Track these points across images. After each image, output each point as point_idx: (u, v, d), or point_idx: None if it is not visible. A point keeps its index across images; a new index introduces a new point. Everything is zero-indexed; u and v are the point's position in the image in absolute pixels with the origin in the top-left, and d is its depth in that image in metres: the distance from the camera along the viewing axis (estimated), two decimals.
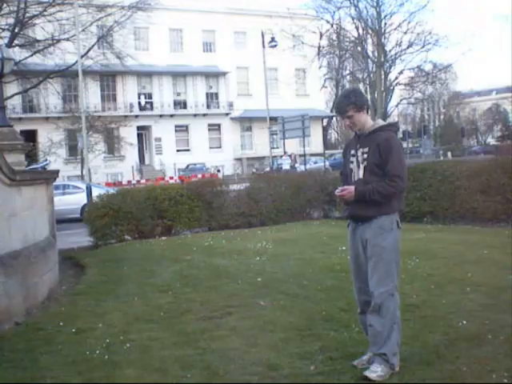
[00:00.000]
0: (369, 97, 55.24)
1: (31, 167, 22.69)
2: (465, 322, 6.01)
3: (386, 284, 5.02)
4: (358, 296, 5.37)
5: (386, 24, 40.34)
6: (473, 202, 13.80)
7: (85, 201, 22.37)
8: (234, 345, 5.89)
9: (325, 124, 74.24)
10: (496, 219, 13.45)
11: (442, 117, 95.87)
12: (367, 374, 4.88)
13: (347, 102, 5.19)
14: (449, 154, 68.43)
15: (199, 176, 37.62)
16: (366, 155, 5.14)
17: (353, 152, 5.29)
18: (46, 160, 30.76)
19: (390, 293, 5.02)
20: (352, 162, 5.28)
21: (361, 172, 5.16)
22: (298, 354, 5.49)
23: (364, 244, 5.16)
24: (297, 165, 40.08)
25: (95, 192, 21.59)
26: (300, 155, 46.76)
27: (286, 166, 39.59)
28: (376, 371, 4.89)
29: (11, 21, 31.41)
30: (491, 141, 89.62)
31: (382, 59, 39.72)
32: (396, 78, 47.09)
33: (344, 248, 11.10)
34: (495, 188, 13.42)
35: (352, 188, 5.08)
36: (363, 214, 5.14)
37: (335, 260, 10.12)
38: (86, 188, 23.76)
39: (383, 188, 4.99)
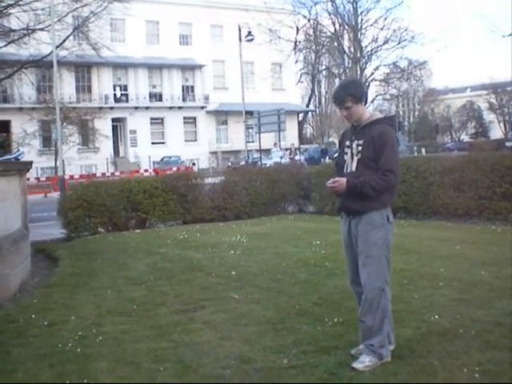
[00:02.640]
0: None
1: (4, 158, 22.49)
2: (437, 317, 6.05)
3: (377, 279, 5.06)
4: (352, 287, 5.41)
5: (362, 20, 40.45)
6: (446, 197, 13.91)
7: None
8: (207, 338, 5.89)
9: (300, 119, 74.32)
10: (468, 215, 13.58)
11: (416, 113, 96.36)
12: (354, 365, 4.93)
13: (346, 93, 5.14)
14: (423, 150, 68.86)
15: (174, 169, 37.47)
16: (360, 147, 5.13)
17: (348, 143, 5.28)
18: (19, 151, 30.48)
19: (381, 288, 5.07)
20: (346, 154, 5.28)
21: (354, 164, 5.17)
22: (272, 347, 5.50)
23: (356, 238, 5.19)
24: (297, 157, 39.83)
25: None
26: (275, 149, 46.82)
27: (277, 159, 39.27)
28: (363, 361, 4.94)
29: None
30: (465, 138, 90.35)
31: (358, 55, 39.83)
32: (372, 74, 47.17)
33: (318, 242, 11.19)
34: (468, 184, 13.54)
35: (344, 180, 5.08)
36: (354, 207, 5.17)
37: (309, 254, 10.16)
38: (59, 180, 23.53)
39: (375, 182, 5.00)
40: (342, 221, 5.44)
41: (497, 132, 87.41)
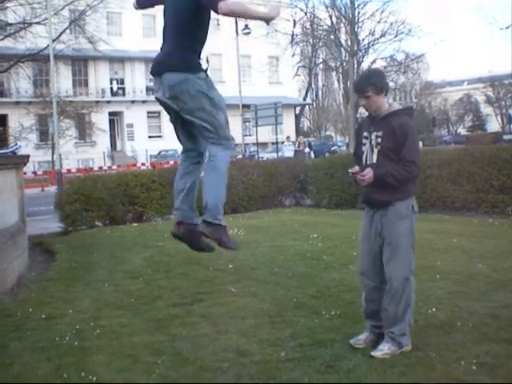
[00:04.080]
0: (341, 85, 55.40)
1: (1, 152, 22.44)
2: (434, 310, 6.06)
3: (403, 269, 5.11)
4: (361, 278, 5.45)
5: (359, 13, 40.22)
6: (443, 190, 13.92)
7: None
8: (204, 331, 5.89)
9: (297, 112, 74.28)
10: (466, 208, 13.59)
11: (413, 106, 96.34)
12: (373, 353, 4.98)
13: (367, 83, 5.17)
14: (420, 143, 68.84)
15: (171, 162, 37.43)
16: (379, 139, 5.14)
17: (366, 134, 5.29)
18: (17, 144, 30.43)
19: (406, 277, 5.11)
20: (364, 145, 5.29)
21: (374, 156, 5.19)
22: (269, 340, 5.50)
23: (379, 230, 5.24)
24: (306, 150, 39.65)
25: None
26: (272, 143, 46.80)
27: (289, 153, 38.99)
28: (382, 349, 5.00)
29: None
30: (462, 131, 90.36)
31: (355, 48, 39.65)
32: (369, 67, 47.18)
33: (315, 235, 11.19)
34: (465, 177, 13.54)
35: (371, 172, 5.08)
36: (380, 199, 5.21)
37: (306, 247, 10.16)
38: (56, 174, 23.50)
39: (398, 172, 5.03)
40: (364, 214, 5.49)
41: (494, 125, 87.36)
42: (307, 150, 39.48)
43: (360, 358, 4.95)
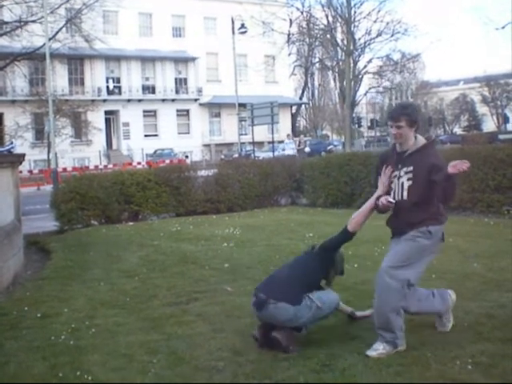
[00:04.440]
0: (337, 85, 55.41)
1: None
2: None
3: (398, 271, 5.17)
4: None
5: (355, 12, 40.22)
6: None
7: None
8: (200, 330, 5.89)
9: (294, 111, 74.30)
10: (461, 208, 13.59)
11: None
12: (368, 352, 5.00)
13: (402, 112, 5.26)
14: None
15: (167, 161, 37.42)
16: (410, 174, 5.22)
17: (395, 173, 5.35)
18: (12, 143, 30.39)
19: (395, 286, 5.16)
20: (392, 182, 5.38)
21: (405, 193, 5.27)
22: None
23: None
24: (306, 149, 39.52)
25: None
26: (268, 142, 46.78)
27: (290, 151, 38.78)
28: (377, 349, 5.03)
29: None
30: (458, 130, 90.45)
31: (352, 47, 39.64)
32: (365, 67, 47.21)
33: (311, 234, 11.20)
34: (461, 177, 13.44)
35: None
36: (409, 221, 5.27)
37: (302, 246, 10.11)
38: (52, 173, 23.46)
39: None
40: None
41: (490, 125, 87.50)
42: (307, 149, 39.30)
43: (355, 357, 4.95)
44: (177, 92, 61.82)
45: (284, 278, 5.46)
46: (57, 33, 36.63)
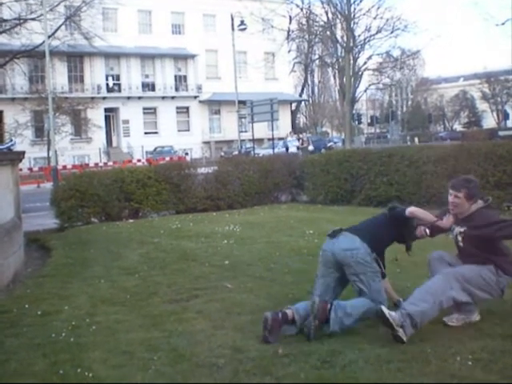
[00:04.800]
0: (337, 82, 55.37)
1: None
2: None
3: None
4: None
5: (355, 9, 40.12)
6: (439, 186, 13.90)
7: None
8: (200, 327, 5.89)
9: (293, 108, 74.25)
10: None
11: (409, 102, 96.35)
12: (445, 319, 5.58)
13: (464, 184, 5.72)
14: (416, 139, 68.96)
15: (167, 159, 37.43)
16: (463, 234, 5.80)
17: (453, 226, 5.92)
18: (12, 140, 30.36)
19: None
20: (448, 235, 5.98)
21: (460, 244, 5.88)
22: None
23: None
24: (310, 147, 39.23)
25: None
26: (268, 139, 46.75)
27: (293, 149, 38.44)
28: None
29: None
30: (458, 127, 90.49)
31: (351, 44, 39.57)
32: (365, 64, 47.10)
33: (311, 231, 11.20)
34: (461, 173, 13.44)
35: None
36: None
37: (302, 243, 10.17)
38: (52, 170, 23.46)
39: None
40: None
41: (490, 121, 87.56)
42: (311, 147, 38.98)
43: (356, 353, 4.95)
44: (176, 89, 61.78)
45: (360, 224, 6.29)
46: (56, 30, 36.63)
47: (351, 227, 6.10)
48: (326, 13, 41.88)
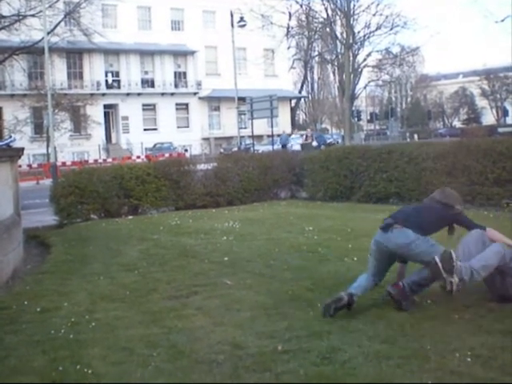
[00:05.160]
0: (337, 78, 55.30)
1: None
2: (429, 302, 6.08)
3: None
4: None
5: (354, 5, 40.14)
6: (438, 183, 13.87)
7: None
8: (200, 324, 5.89)
9: (293, 105, 74.24)
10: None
11: (409, 99, 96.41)
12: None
13: None
14: (415, 136, 69.04)
15: (166, 155, 37.45)
16: None
17: None
18: (11, 137, 30.33)
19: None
20: None
21: None
22: (264, 332, 5.50)
23: None
24: (314, 143, 38.89)
25: None
26: (268, 135, 46.73)
27: (296, 146, 37.86)
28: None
29: None
30: (457, 124, 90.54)
31: (351, 41, 39.55)
32: (364, 60, 47.12)
33: (311, 228, 11.20)
34: (460, 170, 13.54)
35: None
36: None
37: (302, 240, 10.16)
38: (51, 167, 23.44)
39: None
40: None
41: (489, 118, 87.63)
42: (315, 143, 38.73)
43: (356, 349, 4.95)
44: (176, 86, 61.79)
45: (412, 212, 6.39)
46: (55, 27, 36.59)
47: (401, 218, 6.23)
48: (326, 9, 41.84)
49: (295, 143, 38.28)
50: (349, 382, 4.38)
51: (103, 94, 56.69)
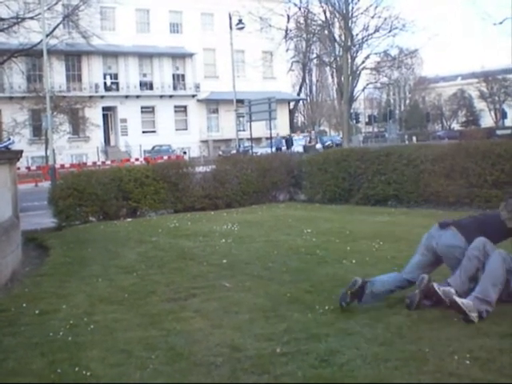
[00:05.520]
0: (335, 81, 55.32)
1: None
2: (427, 304, 6.08)
3: None
4: None
5: (353, 8, 40.14)
6: (437, 185, 13.94)
7: None
8: (198, 326, 5.89)
9: (291, 107, 74.25)
10: (459, 203, 13.59)
11: (407, 101, 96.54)
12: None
13: None
14: (414, 138, 69.09)
15: (165, 158, 37.43)
16: None
17: None
18: (10, 139, 30.32)
19: None
20: None
21: None
22: (263, 335, 5.50)
23: None
24: (317, 145, 38.26)
25: None
26: (266, 138, 46.73)
27: (299, 148, 37.24)
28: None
29: None
30: (456, 126, 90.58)
31: (349, 43, 39.58)
32: (363, 63, 47.05)
33: (309, 230, 11.20)
34: (459, 172, 13.56)
35: None
36: None
37: (300, 242, 10.17)
38: (50, 169, 23.42)
39: None
40: None
41: (487, 120, 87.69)
42: (319, 145, 38.21)
43: (354, 352, 4.95)
44: (174, 88, 61.83)
45: (474, 222, 6.47)
46: (54, 29, 36.61)
47: (461, 223, 6.38)
48: (324, 12, 41.90)
49: (297, 145, 37.69)
50: None
51: (102, 97, 56.71)
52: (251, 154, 31.16)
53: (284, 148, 42.70)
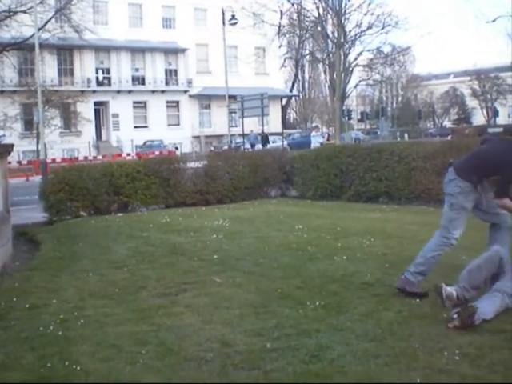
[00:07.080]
0: (328, 77, 55.30)
1: None
2: (418, 301, 6.10)
3: None
4: None
5: (346, 5, 40.18)
6: (428, 182, 13.96)
7: None
8: (189, 321, 5.89)
9: (284, 103, 74.26)
10: None
11: (399, 99, 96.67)
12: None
13: None
14: (405, 135, 69.21)
15: (157, 153, 37.39)
16: None
17: None
18: (1, 133, 30.21)
19: None
20: None
21: None
22: (253, 330, 5.51)
23: None
24: (332, 141, 37.43)
25: None
26: (259, 134, 46.71)
27: (316, 144, 36.60)
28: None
29: None
30: (447, 123, 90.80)
31: (342, 40, 39.59)
32: (355, 59, 47.06)
33: (300, 226, 11.20)
34: None
35: None
36: None
37: (291, 238, 10.17)
38: (41, 163, 23.35)
39: None
40: None
41: (479, 118, 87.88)
42: (333, 142, 37.63)
43: (344, 347, 4.96)
44: (167, 83, 61.74)
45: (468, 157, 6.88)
46: (46, 23, 36.49)
47: (458, 161, 6.88)
48: (317, 8, 41.90)
49: (316, 142, 36.97)
50: (337, 381, 4.40)
51: (94, 91, 56.58)
52: (243, 150, 31.14)
53: (259, 146, 41.61)
